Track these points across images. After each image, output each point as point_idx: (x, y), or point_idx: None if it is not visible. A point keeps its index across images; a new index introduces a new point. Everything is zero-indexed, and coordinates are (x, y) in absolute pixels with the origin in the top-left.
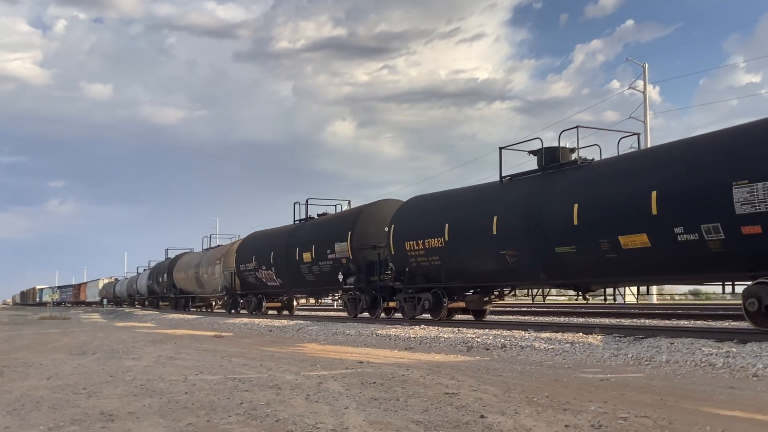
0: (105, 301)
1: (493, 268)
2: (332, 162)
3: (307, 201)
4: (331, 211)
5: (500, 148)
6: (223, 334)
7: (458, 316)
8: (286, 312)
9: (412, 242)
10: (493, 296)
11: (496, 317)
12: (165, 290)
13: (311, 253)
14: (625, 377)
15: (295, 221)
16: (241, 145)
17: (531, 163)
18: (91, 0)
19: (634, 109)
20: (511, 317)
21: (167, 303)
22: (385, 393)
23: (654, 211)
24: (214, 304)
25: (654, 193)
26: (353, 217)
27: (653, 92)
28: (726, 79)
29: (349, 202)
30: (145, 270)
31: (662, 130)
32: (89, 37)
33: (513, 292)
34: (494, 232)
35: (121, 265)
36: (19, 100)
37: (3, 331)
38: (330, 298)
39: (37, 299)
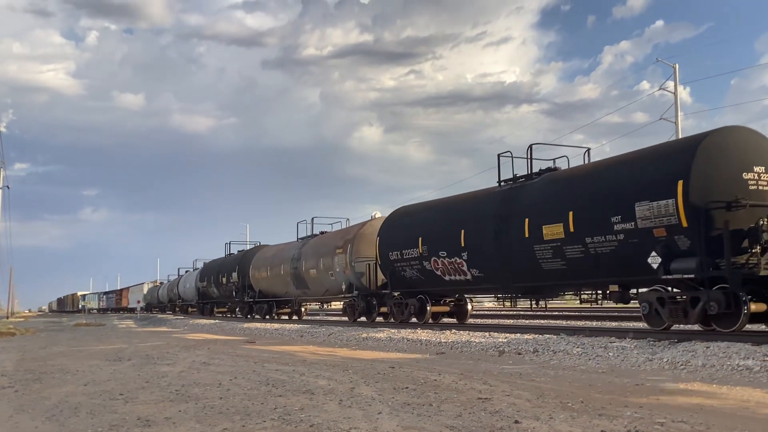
0: (139, 307)
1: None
2: (360, 167)
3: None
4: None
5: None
6: (255, 339)
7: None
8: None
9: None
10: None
11: (526, 321)
12: (234, 293)
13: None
14: (661, 382)
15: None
16: (270, 152)
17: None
18: (121, 11)
19: (665, 110)
20: (541, 321)
21: (224, 309)
22: (417, 398)
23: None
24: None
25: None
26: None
27: (684, 93)
28: (759, 78)
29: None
30: (188, 272)
31: (694, 130)
32: (121, 48)
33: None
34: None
35: (153, 273)
36: (52, 110)
37: (39, 338)
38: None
39: (80, 306)
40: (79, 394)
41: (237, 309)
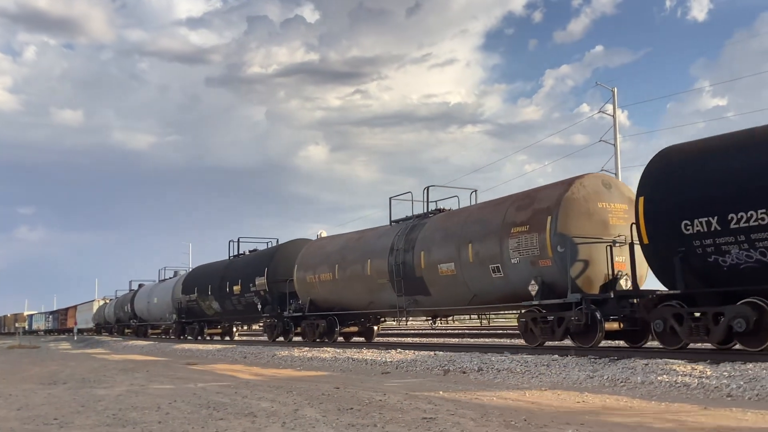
0: (76, 329)
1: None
2: (306, 186)
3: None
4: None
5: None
6: (194, 361)
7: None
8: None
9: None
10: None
11: (470, 339)
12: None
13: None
14: (602, 398)
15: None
16: (214, 170)
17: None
18: (60, 26)
19: (604, 133)
20: (485, 340)
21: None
22: (362, 419)
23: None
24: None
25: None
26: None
27: (622, 116)
28: (693, 102)
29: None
30: (141, 285)
31: (631, 152)
32: (60, 63)
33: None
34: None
35: (90, 293)
36: None
37: None
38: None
39: (26, 327)
40: (11, 419)
41: (258, 327)
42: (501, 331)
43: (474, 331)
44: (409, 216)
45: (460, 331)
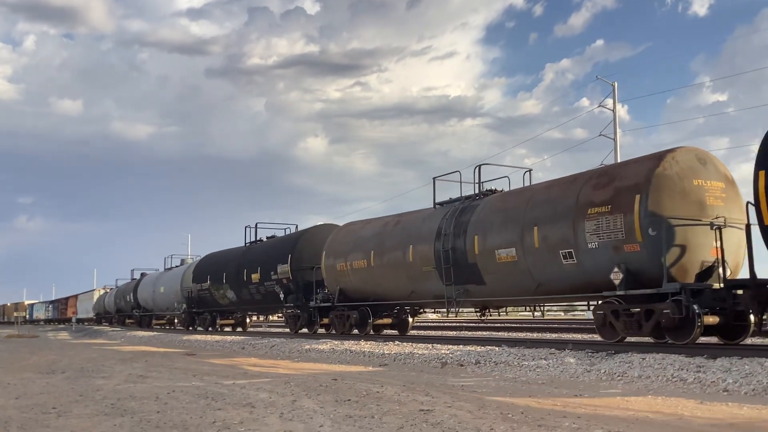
0: (74, 319)
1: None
2: (305, 178)
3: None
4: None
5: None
6: (192, 352)
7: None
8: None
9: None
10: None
11: (469, 333)
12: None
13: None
14: (599, 393)
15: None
16: (213, 161)
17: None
18: (60, 15)
19: (604, 127)
20: (484, 333)
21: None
22: (359, 410)
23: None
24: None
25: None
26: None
27: (622, 111)
28: (693, 98)
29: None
30: (143, 275)
31: (631, 147)
32: (60, 53)
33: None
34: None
35: (89, 283)
36: None
37: None
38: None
39: (27, 316)
40: (9, 408)
41: (280, 317)
42: (499, 325)
43: (472, 325)
44: (456, 197)
45: (457, 324)
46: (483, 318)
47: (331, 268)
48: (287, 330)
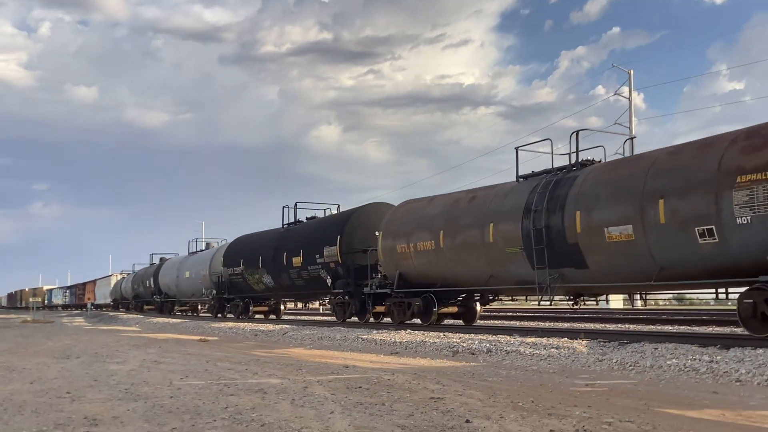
0: (90, 305)
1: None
2: (318, 166)
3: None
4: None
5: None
6: (209, 338)
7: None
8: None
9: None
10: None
11: (481, 322)
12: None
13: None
14: (610, 382)
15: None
16: (227, 149)
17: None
18: (75, 2)
19: (620, 116)
20: (495, 322)
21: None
22: (370, 398)
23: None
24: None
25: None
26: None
27: (638, 99)
28: (710, 86)
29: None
30: (162, 259)
31: (646, 136)
32: (75, 40)
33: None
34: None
35: (104, 269)
36: (3, 102)
37: None
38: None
39: (46, 302)
40: (24, 392)
41: (326, 305)
42: (510, 314)
43: (484, 314)
44: (547, 169)
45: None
46: (575, 308)
47: (390, 250)
48: (331, 318)
